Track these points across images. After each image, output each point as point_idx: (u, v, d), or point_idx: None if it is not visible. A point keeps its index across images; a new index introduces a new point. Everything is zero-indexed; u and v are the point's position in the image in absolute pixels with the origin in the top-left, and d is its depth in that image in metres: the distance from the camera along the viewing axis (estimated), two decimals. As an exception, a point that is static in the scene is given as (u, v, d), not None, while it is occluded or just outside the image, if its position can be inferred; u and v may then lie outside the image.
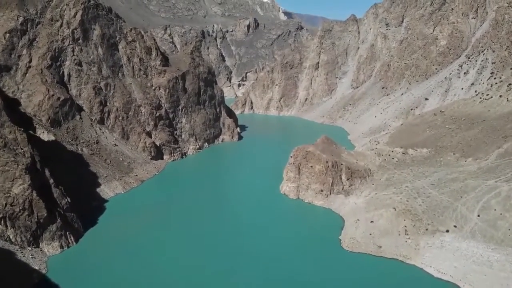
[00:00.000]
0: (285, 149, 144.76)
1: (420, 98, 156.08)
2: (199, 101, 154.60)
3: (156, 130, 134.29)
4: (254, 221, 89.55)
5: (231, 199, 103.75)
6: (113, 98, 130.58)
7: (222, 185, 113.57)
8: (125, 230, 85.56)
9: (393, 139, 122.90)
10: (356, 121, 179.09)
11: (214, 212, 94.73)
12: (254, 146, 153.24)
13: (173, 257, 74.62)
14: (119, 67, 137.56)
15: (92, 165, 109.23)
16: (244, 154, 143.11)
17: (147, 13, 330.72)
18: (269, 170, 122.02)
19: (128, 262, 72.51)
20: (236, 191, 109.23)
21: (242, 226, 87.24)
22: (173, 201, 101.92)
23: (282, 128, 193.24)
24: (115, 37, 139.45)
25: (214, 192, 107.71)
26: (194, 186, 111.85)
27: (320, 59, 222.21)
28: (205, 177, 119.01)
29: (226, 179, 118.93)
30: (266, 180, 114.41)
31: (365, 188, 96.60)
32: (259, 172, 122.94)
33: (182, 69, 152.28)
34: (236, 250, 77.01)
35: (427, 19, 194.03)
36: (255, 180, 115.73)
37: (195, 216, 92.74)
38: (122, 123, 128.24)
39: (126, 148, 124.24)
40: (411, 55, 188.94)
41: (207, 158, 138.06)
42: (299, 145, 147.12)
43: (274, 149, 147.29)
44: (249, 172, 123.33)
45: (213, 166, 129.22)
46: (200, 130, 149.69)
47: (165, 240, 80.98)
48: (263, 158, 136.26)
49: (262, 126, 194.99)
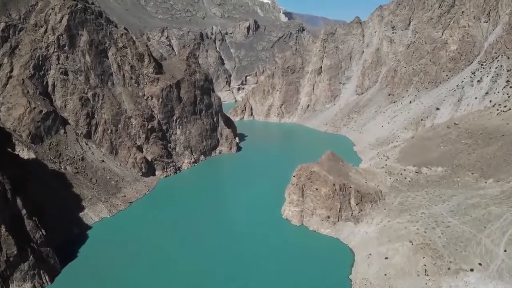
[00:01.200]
0: (287, 163, 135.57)
1: (430, 107, 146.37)
2: (195, 110, 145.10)
3: (148, 144, 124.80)
4: (252, 253, 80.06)
5: (228, 225, 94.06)
6: (101, 109, 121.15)
7: (217, 206, 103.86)
8: (108, 263, 76.22)
9: (404, 155, 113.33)
10: (362, 130, 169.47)
11: (208, 241, 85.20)
12: (254, 159, 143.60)
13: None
14: (108, 76, 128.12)
15: (76, 185, 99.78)
16: (243, 169, 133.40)
17: (144, 15, 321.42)
18: (269, 188, 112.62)
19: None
20: (233, 215, 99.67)
21: (238, 260, 77.73)
22: (163, 226, 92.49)
23: (284, 137, 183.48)
24: (105, 43, 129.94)
25: (209, 216, 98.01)
26: (186, 208, 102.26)
27: (323, 64, 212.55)
28: (199, 197, 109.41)
29: (223, 199, 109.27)
30: (267, 200, 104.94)
31: (376, 214, 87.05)
32: (259, 190, 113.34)
33: (177, 77, 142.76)
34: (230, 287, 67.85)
35: (435, 22, 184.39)
36: (254, 201, 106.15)
37: (187, 244, 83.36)
38: (111, 137, 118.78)
39: (115, 164, 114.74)
40: (419, 60, 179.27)
41: (203, 174, 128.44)
42: (302, 158, 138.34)
43: (275, 163, 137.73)
44: (247, 191, 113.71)
45: (209, 184, 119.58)
46: (196, 142, 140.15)
47: (154, 275, 71.60)
48: (263, 173, 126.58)
49: (262, 135, 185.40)
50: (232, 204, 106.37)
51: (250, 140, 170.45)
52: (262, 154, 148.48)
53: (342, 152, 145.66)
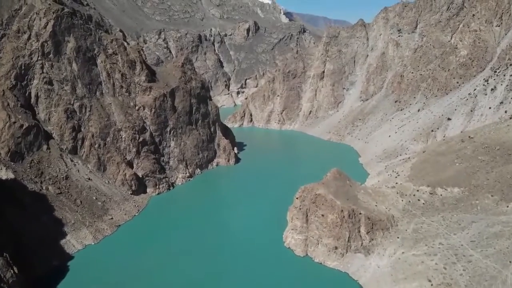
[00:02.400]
0: (289, 177, 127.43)
1: (441, 117, 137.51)
2: (191, 120, 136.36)
3: (139, 158, 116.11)
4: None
5: (224, 253, 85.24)
6: (89, 122, 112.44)
7: (213, 230, 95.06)
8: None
9: (416, 172, 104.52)
10: (367, 140, 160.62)
11: (201, 272, 76.63)
12: (253, 172, 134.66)
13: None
14: (97, 85, 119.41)
15: (58, 208, 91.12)
16: (241, 184, 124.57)
17: (141, 16, 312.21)
18: (270, 208, 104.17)
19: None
20: (230, 240, 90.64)
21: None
22: (152, 254, 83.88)
23: (285, 147, 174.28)
24: (93, 50, 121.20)
25: (203, 242, 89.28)
26: (178, 232, 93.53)
27: (326, 68, 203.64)
28: (192, 219, 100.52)
29: (218, 221, 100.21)
30: (267, 222, 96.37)
31: (389, 244, 78.34)
32: (258, 209, 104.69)
33: (171, 85, 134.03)
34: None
35: (444, 25, 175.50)
36: (253, 223, 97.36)
37: (178, 275, 74.79)
38: (98, 152, 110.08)
39: (102, 182, 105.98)
40: (427, 65, 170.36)
41: (198, 191, 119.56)
42: (305, 171, 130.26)
43: (276, 177, 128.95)
44: (246, 211, 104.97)
45: (203, 203, 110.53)
46: (191, 155, 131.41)
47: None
48: (263, 190, 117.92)
49: (262, 143, 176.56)
50: (229, 227, 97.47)
51: (250, 150, 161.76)
52: (262, 167, 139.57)
53: (347, 165, 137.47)
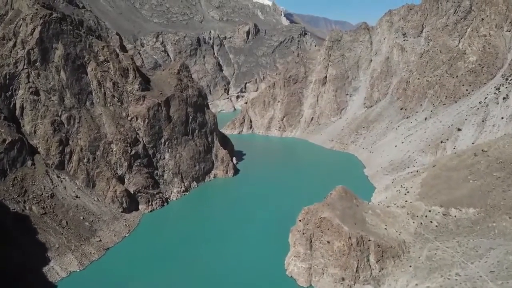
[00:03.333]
0: (291, 191, 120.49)
1: (450, 127, 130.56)
2: (187, 130, 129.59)
3: (131, 173, 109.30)
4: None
5: (219, 281, 78.37)
6: (77, 134, 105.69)
7: (208, 253, 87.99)
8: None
9: (427, 189, 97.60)
10: (372, 149, 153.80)
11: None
12: (252, 185, 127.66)
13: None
14: (86, 95, 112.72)
15: (42, 231, 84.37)
16: (239, 200, 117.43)
17: (139, 19, 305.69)
18: (270, 227, 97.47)
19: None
20: (226, 265, 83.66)
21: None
22: (142, 281, 76.97)
23: (286, 156, 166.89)
24: (83, 57, 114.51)
25: (198, 266, 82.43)
26: (171, 256, 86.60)
27: (328, 73, 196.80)
28: (187, 239, 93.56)
29: (215, 242, 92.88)
30: (267, 246, 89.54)
31: (401, 274, 71.49)
32: (258, 229, 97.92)
33: (166, 93, 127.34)
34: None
35: (451, 29, 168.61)
36: (252, 246, 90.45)
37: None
38: (87, 167, 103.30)
39: (91, 200, 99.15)
40: (433, 71, 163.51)
41: (193, 207, 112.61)
42: (308, 185, 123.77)
43: (277, 191, 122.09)
44: (244, 230, 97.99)
45: (199, 221, 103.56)
46: (187, 167, 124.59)
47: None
48: (263, 206, 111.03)
49: (262, 152, 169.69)
50: (226, 250, 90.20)
51: (249, 160, 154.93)
52: (262, 179, 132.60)
53: (352, 177, 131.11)
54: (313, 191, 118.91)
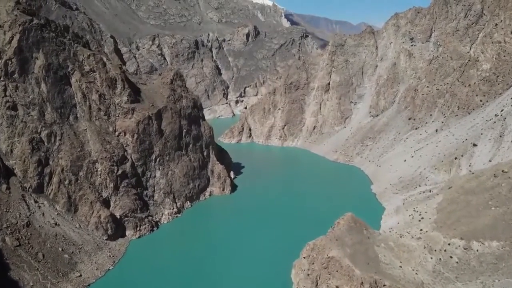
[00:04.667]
0: (293, 213, 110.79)
1: (465, 142, 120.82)
2: (180, 145, 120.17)
3: (117, 195, 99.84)
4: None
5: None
6: (58, 153, 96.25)
7: (200, 286, 78.88)
8: None
9: (444, 217, 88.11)
10: (379, 163, 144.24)
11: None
12: (251, 205, 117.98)
13: None
14: (70, 108, 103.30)
15: (15, 267, 74.88)
16: (237, 222, 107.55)
17: (135, 20, 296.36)
18: (271, 258, 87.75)
19: None
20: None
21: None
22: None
23: (288, 169, 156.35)
24: (66, 67, 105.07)
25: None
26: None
27: (331, 80, 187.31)
28: (178, 271, 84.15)
29: (207, 273, 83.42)
30: (267, 279, 79.98)
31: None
32: (256, 260, 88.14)
33: (158, 105, 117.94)
34: None
35: (462, 34, 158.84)
36: (249, 280, 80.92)
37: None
38: (69, 190, 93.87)
39: (71, 228, 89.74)
40: (444, 79, 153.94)
41: (186, 231, 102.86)
42: (312, 205, 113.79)
43: (278, 212, 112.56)
44: (241, 261, 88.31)
45: (192, 248, 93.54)
46: (180, 185, 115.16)
47: None
48: (262, 231, 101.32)
49: (262, 164, 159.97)
50: (220, 284, 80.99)
51: (248, 173, 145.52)
52: (261, 198, 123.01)
53: (359, 195, 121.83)
54: (318, 212, 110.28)
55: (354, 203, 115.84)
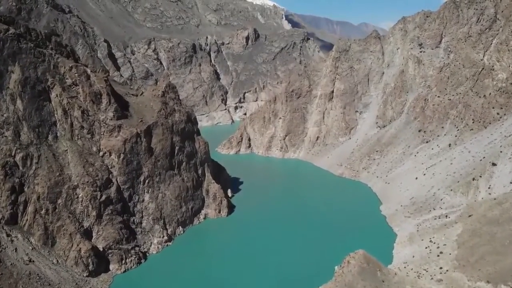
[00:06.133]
0: (297, 239, 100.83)
1: (483, 161, 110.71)
2: (172, 164, 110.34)
3: (100, 224, 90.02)
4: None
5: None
6: (35, 178, 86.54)
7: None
8: None
9: (467, 253, 78.18)
10: (388, 179, 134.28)
11: None
12: (249, 230, 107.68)
13: None
14: (49, 127, 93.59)
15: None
16: (232, 251, 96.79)
17: (131, 23, 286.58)
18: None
19: None
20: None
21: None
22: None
23: (290, 185, 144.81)
24: (46, 81, 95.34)
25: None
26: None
27: (335, 87, 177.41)
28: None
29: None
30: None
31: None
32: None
33: (148, 121, 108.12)
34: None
35: (475, 41, 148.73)
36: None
37: None
38: (45, 220, 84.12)
39: (48, 264, 79.90)
40: (456, 88, 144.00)
41: (177, 262, 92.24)
42: (317, 230, 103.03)
43: (279, 238, 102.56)
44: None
45: (183, 282, 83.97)
46: (172, 209, 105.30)
47: None
48: (261, 263, 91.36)
49: (262, 179, 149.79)
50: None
51: (247, 190, 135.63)
52: (261, 221, 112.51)
53: (368, 218, 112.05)
54: (324, 239, 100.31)
55: (363, 227, 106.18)
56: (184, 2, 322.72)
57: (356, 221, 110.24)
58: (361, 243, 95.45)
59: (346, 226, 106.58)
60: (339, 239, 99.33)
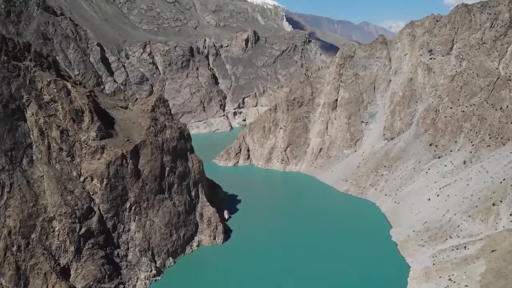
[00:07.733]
0: (300, 272, 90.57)
1: (503, 183, 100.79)
2: (162, 187, 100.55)
3: (79, 261, 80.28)
4: None
5: None
6: (6, 210, 76.79)
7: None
8: None
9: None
10: (398, 198, 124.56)
11: None
12: (248, 258, 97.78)
13: None
14: (23, 150, 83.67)
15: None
16: (229, 283, 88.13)
17: (126, 25, 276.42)
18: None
19: None
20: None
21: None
22: None
23: (292, 204, 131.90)
24: (20, 98, 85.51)
25: None
26: None
27: (339, 96, 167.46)
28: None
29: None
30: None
31: None
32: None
33: (135, 139, 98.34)
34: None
35: (489, 48, 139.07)
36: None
37: None
38: (17, 258, 74.34)
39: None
40: (470, 99, 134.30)
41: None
42: (320, 260, 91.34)
43: (280, 267, 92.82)
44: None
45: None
46: (161, 238, 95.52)
47: None
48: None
49: (261, 197, 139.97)
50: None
51: (245, 210, 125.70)
52: (261, 248, 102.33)
53: (377, 245, 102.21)
54: (331, 270, 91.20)
55: (373, 257, 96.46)
56: (182, 3, 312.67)
57: (365, 248, 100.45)
58: (372, 277, 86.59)
59: (355, 255, 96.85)
60: (348, 271, 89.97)
